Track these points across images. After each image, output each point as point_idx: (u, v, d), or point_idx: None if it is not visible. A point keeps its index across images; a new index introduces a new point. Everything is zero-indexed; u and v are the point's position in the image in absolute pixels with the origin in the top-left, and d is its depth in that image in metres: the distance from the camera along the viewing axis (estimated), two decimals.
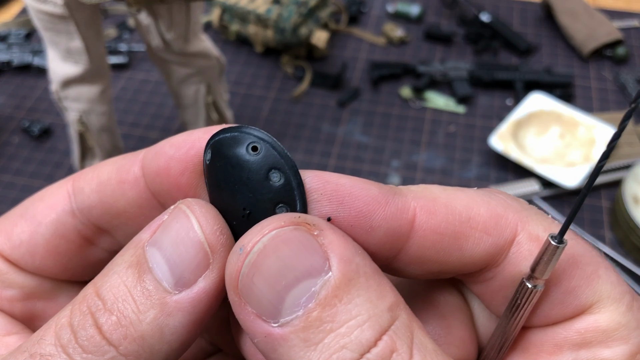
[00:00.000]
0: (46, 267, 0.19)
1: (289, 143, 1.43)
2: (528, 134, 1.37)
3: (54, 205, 0.19)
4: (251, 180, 0.16)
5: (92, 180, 0.19)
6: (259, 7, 1.55)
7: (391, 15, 1.76)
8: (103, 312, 0.15)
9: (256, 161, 0.16)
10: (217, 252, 0.16)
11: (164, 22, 1.03)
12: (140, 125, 1.48)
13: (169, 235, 0.16)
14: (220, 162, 0.16)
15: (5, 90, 1.59)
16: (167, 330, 0.15)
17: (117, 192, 0.18)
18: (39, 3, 0.95)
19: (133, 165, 0.18)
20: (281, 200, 0.16)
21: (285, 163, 0.16)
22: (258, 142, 0.16)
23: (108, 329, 0.15)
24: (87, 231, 0.19)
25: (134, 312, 0.15)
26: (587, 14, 1.62)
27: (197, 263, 0.16)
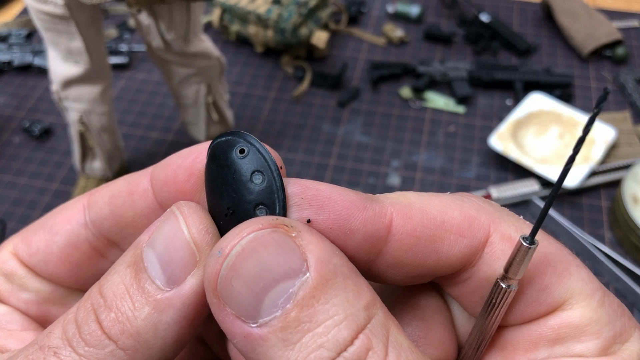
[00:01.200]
0: (59, 275, 0.20)
1: (289, 143, 1.43)
2: (527, 134, 1.37)
3: (70, 217, 0.20)
4: (236, 180, 0.17)
5: (106, 194, 0.20)
6: (259, 7, 1.55)
7: (391, 15, 1.76)
8: (103, 309, 0.16)
9: (242, 163, 0.17)
10: (203, 251, 0.17)
11: (165, 23, 1.03)
12: (141, 125, 1.49)
13: (161, 235, 0.17)
14: (214, 163, 0.17)
15: (6, 90, 1.59)
16: (160, 326, 0.16)
17: (127, 203, 0.20)
18: (39, 3, 0.95)
19: (143, 179, 0.20)
20: (262, 201, 0.17)
21: (268, 166, 0.17)
22: (246, 146, 0.17)
23: (107, 325, 0.16)
24: (99, 243, 0.20)
25: (130, 309, 0.16)
26: (587, 14, 1.62)
27: (186, 262, 0.17)
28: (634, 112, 1.48)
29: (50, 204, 1.32)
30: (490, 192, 1.27)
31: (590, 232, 1.24)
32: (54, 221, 0.20)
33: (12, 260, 0.20)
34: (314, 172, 1.36)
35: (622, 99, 1.51)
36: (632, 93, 1.49)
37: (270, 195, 0.17)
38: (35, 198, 1.33)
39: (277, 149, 1.44)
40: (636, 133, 1.41)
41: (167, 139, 1.46)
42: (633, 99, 1.48)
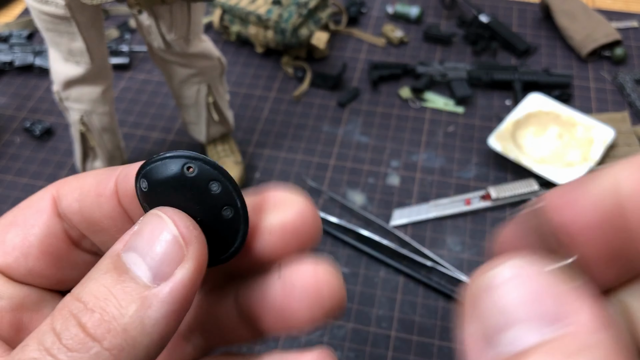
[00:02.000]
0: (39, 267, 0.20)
1: (289, 143, 1.44)
2: (526, 134, 1.38)
3: (43, 209, 0.20)
4: (195, 194, 0.18)
5: (75, 190, 0.20)
6: (259, 8, 1.56)
7: (390, 16, 1.77)
8: (85, 312, 0.16)
9: (195, 178, 0.18)
10: (190, 244, 0.17)
11: (165, 23, 1.03)
12: (142, 126, 1.49)
13: (144, 236, 0.17)
14: (161, 186, 0.18)
15: (7, 90, 1.60)
16: (147, 322, 0.16)
17: (94, 204, 0.20)
18: (40, 4, 0.96)
19: (110, 181, 0.20)
20: (225, 203, 0.18)
21: (219, 173, 0.18)
22: (190, 162, 0.18)
23: (92, 326, 0.16)
24: (72, 233, 0.20)
25: (116, 307, 0.16)
26: (586, 14, 1.63)
27: (173, 256, 0.17)
28: (633, 112, 1.48)
29: None
30: (489, 191, 1.28)
31: None
32: (25, 216, 0.20)
33: None
34: (313, 172, 1.37)
35: (621, 99, 1.52)
36: (630, 93, 1.50)
37: (230, 196, 0.18)
38: None
39: (277, 149, 1.45)
40: (635, 133, 1.41)
41: (167, 139, 1.46)
42: (632, 99, 1.49)
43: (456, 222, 1.26)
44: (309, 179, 1.34)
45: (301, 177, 1.35)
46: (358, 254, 1.21)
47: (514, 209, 1.29)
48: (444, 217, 1.27)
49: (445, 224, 1.26)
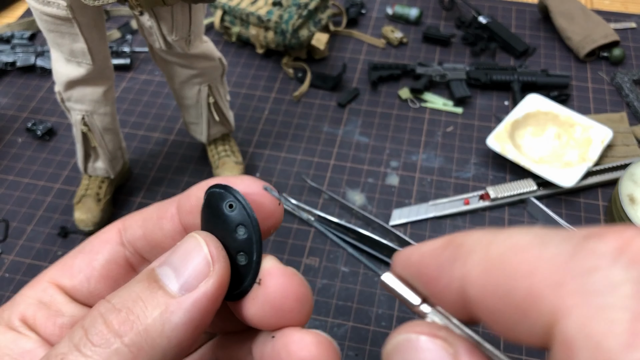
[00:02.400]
0: (99, 290, 0.22)
1: (289, 143, 1.44)
2: (525, 134, 1.39)
3: (108, 239, 0.23)
4: (224, 229, 0.20)
5: (139, 218, 0.23)
6: (260, 9, 1.57)
7: (390, 17, 1.78)
8: (112, 311, 0.18)
9: (230, 216, 0.20)
10: (217, 262, 0.19)
11: (166, 24, 1.04)
12: (143, 126, 1.50)
13: (178, 253, 0.20)
14: (209, 209, 0.21)
15: (9, 90, 1.61)
16: (168, 326, 0.18)
17: (157, 226, 0.22)
18: (42, 5, 0.96)
19: (170, 206, 0.23)
20: (242, 250, 0.20)
21: (250, 222, 0.20)
22: (234, 202, 0.20)
23: (116, 323, 0.18)
24: (133, 259, 0.23)
25: (142, 309, 0.18)
26: (584, 15, 1.64)
27: (200, 271, 0.19)
28: (631, 112, 1.49)
29: (53, 204, 1.33)
30: (488, 191, 1.28)
31: None
32: (92, 245, 0.23)
33: (51, 289, 0.22)
34: (313, 172, 1.38)
35: (619, 99, 1.53)
36: (629, 94, 1.50)
37: (250, 246, 0.20)
38: (38, 198, 1.34)
39: (278, 149, 1.46)
40: (633, 133, 1.42)
41: (168, 139, 1.47)
42: (630, 100, 1.50)
43: (455, 222, 1.27)
44: (309, 179, 1.35)
45: (301, 177, 1.36)
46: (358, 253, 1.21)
47: (512, 208, 1.30)
48: (443, 217, 1.28)
49: (444, 223, 1.27)
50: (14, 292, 1.18)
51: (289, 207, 1.29)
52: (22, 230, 1.28)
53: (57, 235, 1.27)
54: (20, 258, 1.24)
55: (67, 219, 1.30)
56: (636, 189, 1.22)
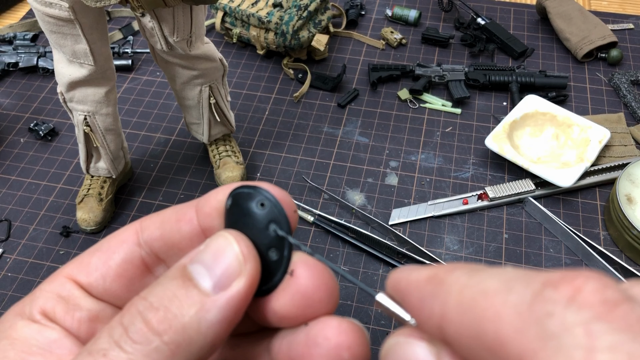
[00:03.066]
0: (114, 288, 0.23)
1: (290, 143, 1.46)
2: (523, 134, 1.40)
3: (125, 239, 0.23)
4: (255, 227, 0.21)
5: (157, 220, 0.24)
6: (260, 10, 1.58)
7: (389, 18, 1.79)
8: (150, 309, 0.19)
9: (262, 214, 0.21)
10: (248, 261, 0.20)
11: (168, 25, 1.05)
12: (145, 126, 1.51)
13: (209, 251, 0.20)
14: (237, 209, 0.22)
15: (12, 91, 1.62)
16: (204, 324, 0.19)
17: (175, 228, 0.23)
18: (45, 7, 0.97)
19: (189, 209, 0.23)
20: (274, 245, 0.21)
21: (281, 219, 0.21)
22: (265, 201, 0.21)
23: (156, 322, 0.18)
24: (149, 260, 0.23)
25: (178, 308, 0.19)
26: (582, 16, 1.65)
27: (233, 270, 0.20)
28: (628, 113, 1.50)
29: (55, 204, 1.34)
30: (486, 191, 1.29)
31: (586, 230, 1.26)
32: (109, 244, 0.23)
33: (69, 284, 0.22)
34: (313, 172, 1.39)
35: (617, 100, 1.54)
36: (626, 94, 1.51)
37: (281, 242, 0.21)
38: (40, 198, 1.35)
39: (278, 150, 1.47)
40: (630, 134, 1.43)
41: (170, 140, 1.48)
42: (627, 100, 1.51)
43: (454, 221, 1.28)
44: (309, 179, 1.36)
45: (301, 177, 1.37)
46: (357, 252, 1.23)
47: (510, 208, 1.31)
48: (442, 217, 1.29)
49: (443, 223, 1.28)
50: (16, 291, 1.19)
51: None
52: (25, 230, 1.29)
53: (59, 234, 1.28)
54: (23, 257, 1.25)
55: (69, 218, 1.31)
56: (634, 189, 1.23)
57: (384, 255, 1.20)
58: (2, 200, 1.35)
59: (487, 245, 1.24)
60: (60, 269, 0.23)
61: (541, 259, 1.21)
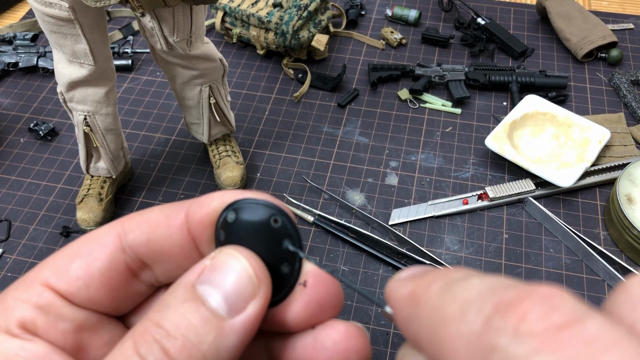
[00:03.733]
0: (98, 297, 0.21)
1: (290, 143, 1.46)
2: (523, 134, 1.40)
3: (107, 243, 0.22)
4: (270, 242, 0.21)
5: (142, 224, 0.22)
6: (260, 10, 1.58)
7: (389, 18, 1.79)
8: (168, 338, 0.18)
9: (276, 229, 0.21)
10: (262, 284, 0.20)
11: (168, 25, 1.05)
12: (145, 126, 1.51)
13: (220, 272, 0.20)
14: (246, 224, 0.21)
15: (12, 91, 1.62)
16: (223, 349, 0.19)
17: (165, 235, 0.22)
18: (44, 7, 0.97)
19: (180, 213, 0.22)
20: (287, 260, 0.21)
21: (295, 234, 0.21)
22: (278, 216, 0.21)
23: (175, 352, 0.18)
24: (134, 265, 0.22)
25: (196, 335, 0.18)
26: (582, 16, 1.65)
27: (247, 293, 0.20)
28: (629, 113, 1.50)
29: (55, 204, 1.34)
30: (486, 191, 1.29)
31: (586, 230, 1.26)
32: (89, 249, 0.22)
33: (47, 292, 0.21)
34: (313, 172, 1.39)
35: (617, 100, 1.54)
36: (626, 94, 1.51)
37: (294, 257, 0.21)
38: (40, 198, 1.35)
39: (278, 150, 1.47)
40: (630, 134, 1.43)
41: (170, 139, 1.48)
42: (628, 100, 1.51)
43: (454, 221, 1.28)
44: (309, 179, 1.36)
45: (301, 177, 1.37)
46: (357, 252, 1.23)
47: (510, 208, 1.31)
48: (442, 217, 1.29)
49: (443, 223, 1.28)
50: None
51: (289, 206, 1.30)
52: (25, 230, 1.29)
53: (59, 234, 1.28)
54: (23, 257, 1.25)
55: (69, 218, 1.31)
56: (634, 189, 1.23)
57: (384, 255, 1.20)
58: (2, 200, 1.35)
59: (487, 245, 1.24)
60: (31, 273, 0.21)
61: (541, 259, 1.21)
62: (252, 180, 1.38)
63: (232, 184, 1.32)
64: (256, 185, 1.37)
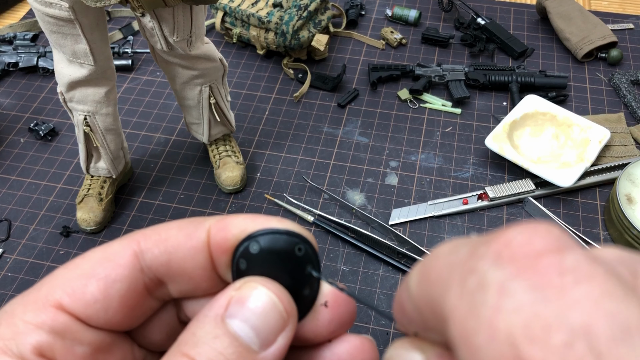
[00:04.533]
0: (116, 319, 0.21)
1: (290, 143, 1.46)
2: (523, 134, 1.40)
3: (125, 264, 0.21)
4: (294, 270, 0.22)
5: (160, 243, 0.22)
6: (260, 10, 1.58)
7: (389, 18, 1.79)
8: None
9: (300, 258, 0.22)
10: (290, 315, 0.21)
11: (168, 26, 1.05)
12: (145, 126, 1.51)
13: (249, 307, 0.20)
14: (269, 254, 0.22)
15: (12, 91, 1.62)
16: None
17: (187, 256, 0.22)
18: (45, 7, 0.97)
19: (201, 234, 0.22)
20: (309, 284, 0.22)
21: (315, 260, 0.22)
22: (302, 244, 0.22)
23: None
24: (151, 284, 0.22)
25: None
26: (582, 16, 1.65)
27: (277, 326, 0.20)
28: (629, 113, 1.50)
29: (55, 204, 1.34)
30: (486, 191, 1.29)
31: (586, 230, 1.26)
32: (105, 269, 0.21)
33: (62, 316, 0.20)
34: (313, 172, 1.39)
35: (617, 100, 1.54)
36: (626, 94, 1.52)
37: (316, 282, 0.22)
38: (40, 197, 1.36)
39: (278, 150, 1.47)
40: (630, 134, 1.43)
41: (170, 139, 1.48)
42: (627, 100, 1.51)
43: (454, 221, 1.28)
44: (309, 179, 1.36)
45: (301, 177, 1.37)
46: (357, 252, 1.23)
47: (510, 208, 1.31)
48: (442, 217, 1.29)
49: (443, 223, 1.28)
50: (16, 291, 1.19)
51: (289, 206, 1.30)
52: (25, 230, 1.29)
53: (59, 234, 1.28)
54: (23, 257, 1.25)
55: (69, 218, 1.31)
56: (634, 189, 1.23)
57: (384, 255, 1.20)
58: (2, 200, 1.35)
59: None
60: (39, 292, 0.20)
61: None
62: (252, 180, 1.38)
63: (232, 184, 1.32)
64: (256, 185, 1.37)
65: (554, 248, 0.14)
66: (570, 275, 0.13)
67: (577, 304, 0.12)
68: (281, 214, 1.31)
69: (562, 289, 0.13)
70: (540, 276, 0.13)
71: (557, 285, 0.13)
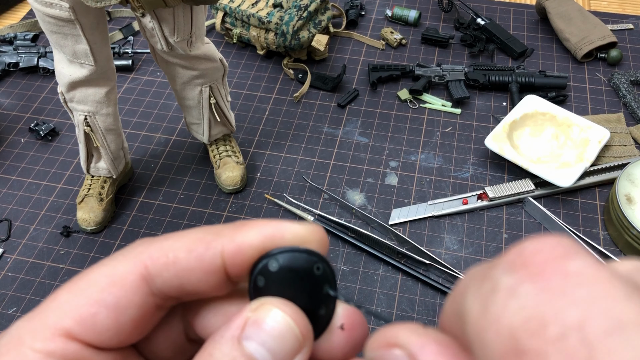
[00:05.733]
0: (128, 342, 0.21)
1: (290, 144, 1.46)
2: (523, 134, 1.40)
3: (135, 290, 0.21)
4: (312, 289, 0.22)
5: (169, 266, 0.21)
6: (260, 11, 1.58)
7: (389, 19, 1.79)
8: None
9: (318, 277, 0.22)
10: (306, 338, 0.21)
11: (168, 26, 1.05)
12: (145, 126, 1.51)
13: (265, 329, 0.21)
14: (289, 272, 0.22)
15: (12, 91, 1.62)
16: None
17: (202, 280, 0.21)
18: (45, 7, 0.97)
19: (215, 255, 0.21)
20: (325, 303, 0.23)
21: (332, 279, 0.23)
22: (320, 263, 0.22)
23: None
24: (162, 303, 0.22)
25: None
26: (581, 17, 1.65)
27: (293, 349, 0.21)
28: (628, 113, 1.50)
29: (55, 204, 1.34)
30: (486, 191, 1.30)
31: (585, 230, 1.26)
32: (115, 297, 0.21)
33: (72, 344, 0.20)
34: (313, 172, 1.39)
35: (617, 100, 1.54)
36: (626, 94, 1.52)
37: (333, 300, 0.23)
38: (40, 197, 1.36)
39: (278, 150, 1.47)
40: (630, 134, 1.43)
41: (170, 139, 1.48)
42: (627, 100, 1.51)
43: (454, 221, 1.28)
44: (309, 179, 1.36)
45: (301, 177, 1.37)
46: (357, 252, 1.23)
47: (510, 208, 1.31)
48: (442, 216, 1.29)
49: (442, 223, 1.28)
50: (16, 291, 1.19)
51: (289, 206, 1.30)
52: (25, 230, 1.29)
53: (59, 234, 1.28)
54: (23, 257, 1.25)
55: (69, 218, 1.31)
56: (633, 189, 1.23)
57: (384, 255, 1.20)
58: (2, 200, 1.35)
59: (487, 245, 1.24)
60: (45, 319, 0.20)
61: None
62: (252, 180, 1.38)
63: (232, 184, 1.32)
64: (256, 185, 1.37)
65: (562, 255, 0.14)
66: (574, 278, 0.14)
67: (576, 303, 0.13)
68: (281, 214, 1.31)
69: (564, 290, 0.13)
70: (546, 280, 0.14)
71: (559, 286, 0.14)
